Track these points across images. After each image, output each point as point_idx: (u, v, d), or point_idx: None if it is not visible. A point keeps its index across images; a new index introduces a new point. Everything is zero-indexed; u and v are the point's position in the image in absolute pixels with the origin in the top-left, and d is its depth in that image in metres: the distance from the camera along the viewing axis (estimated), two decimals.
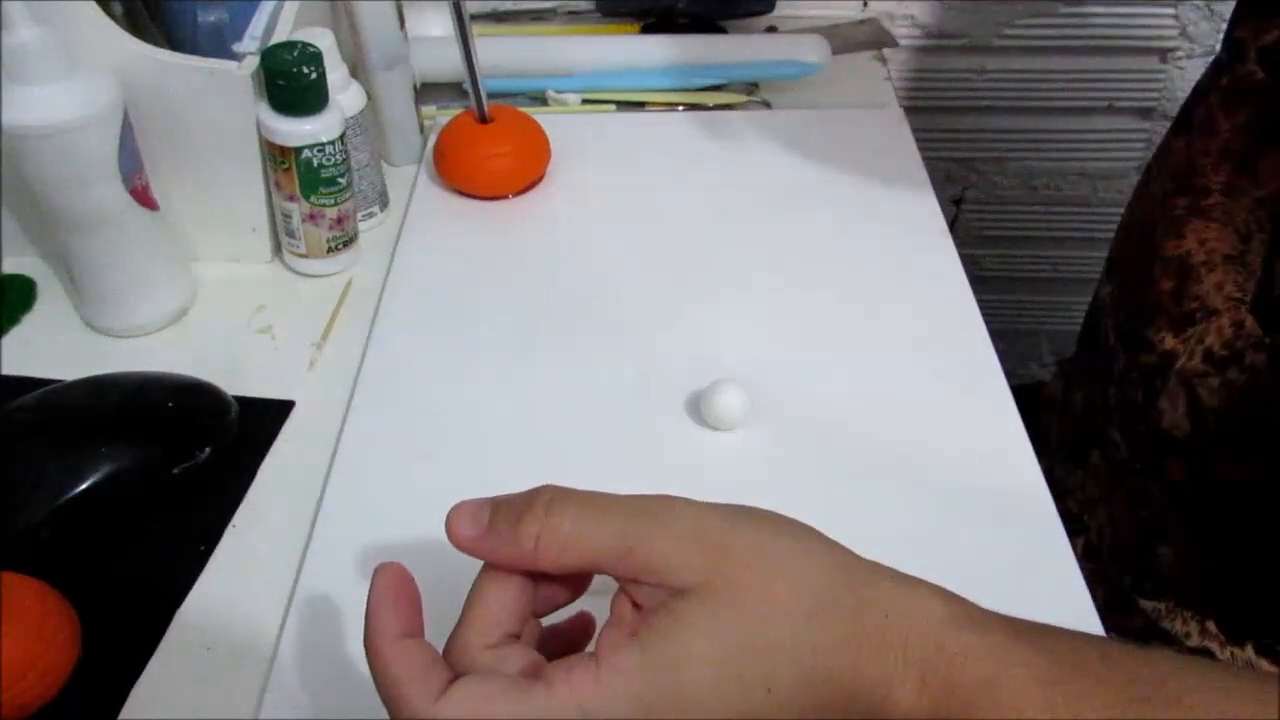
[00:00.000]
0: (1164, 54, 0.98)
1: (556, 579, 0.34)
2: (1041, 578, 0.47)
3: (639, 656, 0.30)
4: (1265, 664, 0.54)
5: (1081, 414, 0.65)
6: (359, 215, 0.65)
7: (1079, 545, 0.61)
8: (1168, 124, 1.02)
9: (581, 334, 0.59)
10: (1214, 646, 0.54)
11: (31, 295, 0.62)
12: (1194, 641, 0.55)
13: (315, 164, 0.59)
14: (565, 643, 0.37)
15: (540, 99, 0.77)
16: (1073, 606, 0.46)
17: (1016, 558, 0.48)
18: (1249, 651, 0.54)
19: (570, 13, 0.87)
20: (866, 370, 0.56)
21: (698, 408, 0.54)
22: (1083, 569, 0.60)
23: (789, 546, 0.32)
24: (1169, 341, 0.54)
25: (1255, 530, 0.53)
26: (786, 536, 0.33)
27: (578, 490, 0.33)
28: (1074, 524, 0.62)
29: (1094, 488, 0.62)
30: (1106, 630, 0.58)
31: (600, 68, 0.78)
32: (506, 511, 0.33)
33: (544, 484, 0.33)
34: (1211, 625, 0.54)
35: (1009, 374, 0.57)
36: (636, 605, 0.31)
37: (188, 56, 0.58)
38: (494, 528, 0.33)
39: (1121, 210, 1.10)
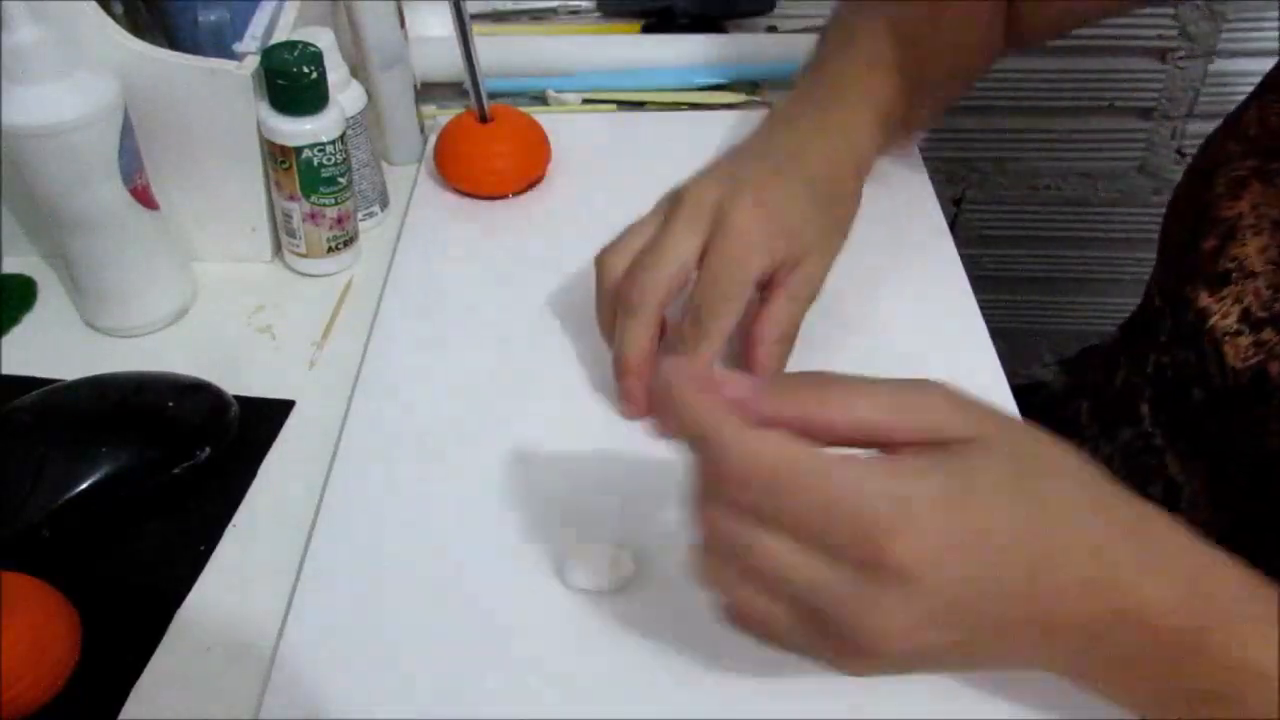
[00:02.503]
0: (1164, 54, 0.98)
1: None
2: None
3: (944, 473, 0.33)
4: None
5: (1120, 388, 0.64)
6: (359, 215, 0.65)
7: None
8: (1168, 123, 1.03)
9: (582, 333, 0.59)
10: None
11: (31, 295, 0.62)
12: None
13: (315, 163, 0.59)
14: None
15: (540, 99, 0.77)
16: None
17: None
18: None
19: (570, 13, 0.87)
20: (866, 369, 0.56)
21: None
22: None
23: (1062, 445, 0.36)
24: (1204, 299, 0.55)
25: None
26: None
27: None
28: None
29: (1120, 465, 0.62)
30: None
31: (600, 68, 0.78)
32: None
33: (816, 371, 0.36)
34: None
35: (1009, 374, 0.57)
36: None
37: (188, 56, 0.58)
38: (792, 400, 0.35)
39: (1122, 210, 1.11)
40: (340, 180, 0.60)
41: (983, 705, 0.43)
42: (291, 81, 0.57)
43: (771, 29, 0.85)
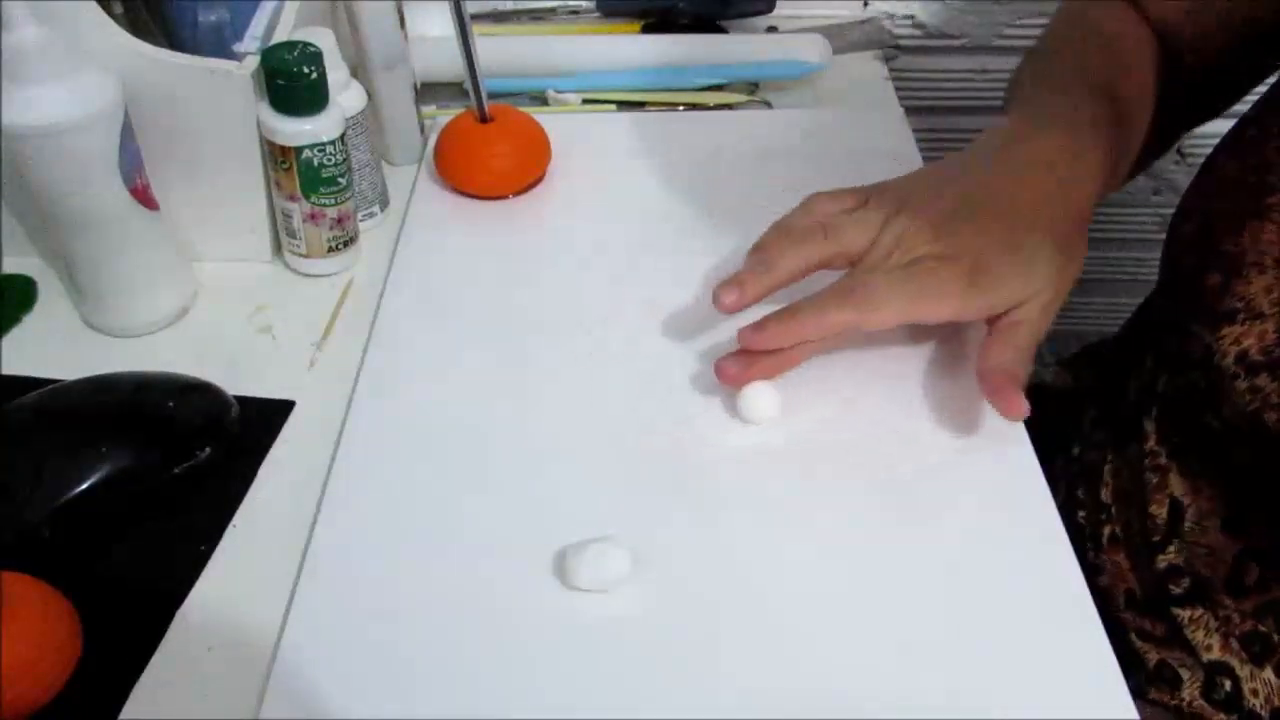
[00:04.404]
0: None
1: None
2: (1041, 577, 0.47)
3: None
4: None
5: (1129, 401, 0.64)
6: (359, 215, 0.65)
7: (1105, 535, 0.60)
8: None
9: (582, 333, 0.59)
10: (1235, 662, 0.54)
11: (31, 295, 0.62)
12: (1215, 655, 0.54)
13: (316, 164, 0.59)
14: None
15: (540, 99, 0.77)
16: (1071, 606, 0.46)
17: (1017, 557, 0.48)
18: (1268, 672, 0.53)
19: (570, 12, 0.87)
20: (866, 367, 0.56)
21: (697, 400, 0.54)
22: (1112, 562, 0.59)
23: None
24: (1206, 336, 0.53)
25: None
26: None
27: None
28: (1104, 513, 0.61)
29: (1128, 479, 0.61)
30: (1128, 628, 0.58)
31: (600, 68, 0.78)
32: None
33: None
34: (1234, 643, 0.54)
35: None
36: None
37: (188, 56, 0.57)
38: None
39: (1122, 210, 1.11)
40: (340, 180, 0.60)
41: (983, 706, 0.43)
42: (291, 81, 0.57)
43: (771, 29, 0.86)
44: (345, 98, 0.62)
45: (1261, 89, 0.57)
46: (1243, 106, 0.58)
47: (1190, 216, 0.58)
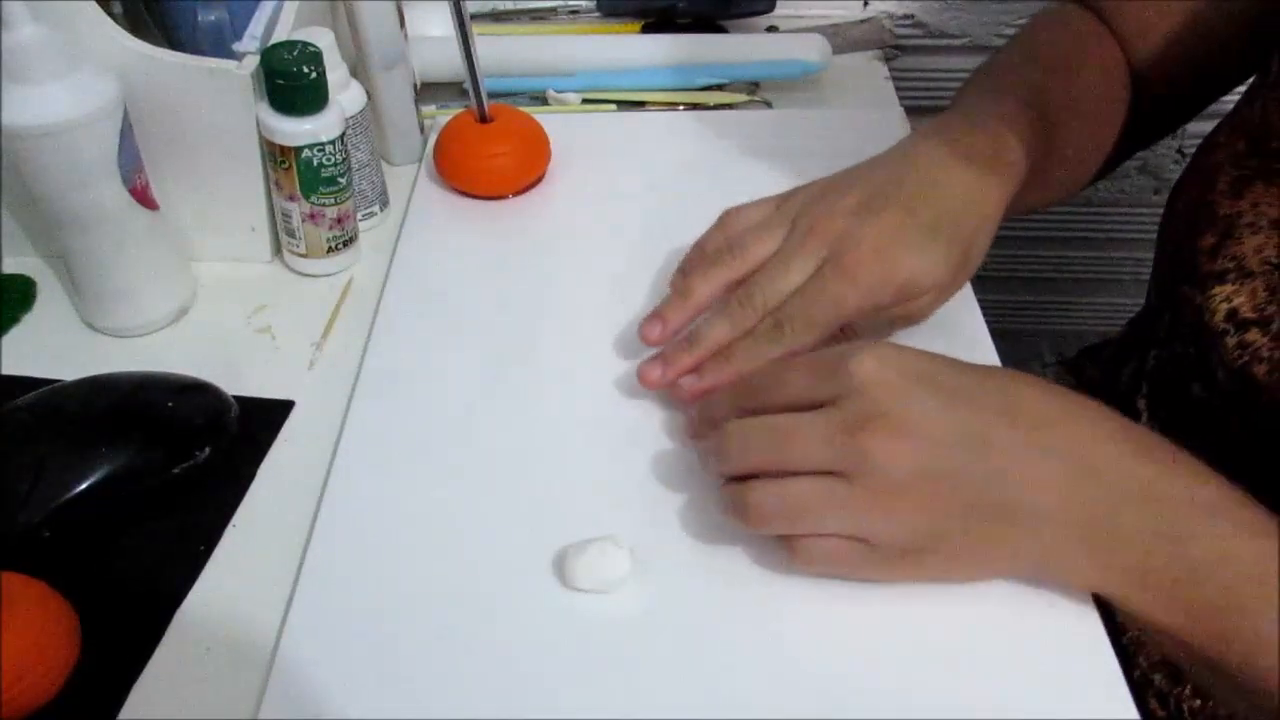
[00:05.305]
0: None
1: None
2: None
3: None
4: None
5: (1123, 385, 0.64)
6: (359, 215, 0.65)
7: None
8: None
9: (582, 333, 0.59)
10: None
11: (31, 295, 0.62)
12: None
13: (315, 163, 0.59)
14: None
15: (540, 99, 0.77)
16: (1071, 605, 0.46)
17: None
18: None
19: (570, 12, 0.87)
20: None
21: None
22: None
23: None
24: (1197, 297, 0.55)
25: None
26: None
27: None
28: None
29: None
30: (1123, 630, 0.58)
31: (600, 68, 0.78)
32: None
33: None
34: None
35: None
36: None
37: (188, 56, 0.58)
38: None
39: (1122, 210, 1.11)
40: (340, 180, 0.60)
41: (983, 706, 0.43)
42: (291, 81, 0.57)
43: (771, 29, 0.86)
44: (345, 98, 0.62)
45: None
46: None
47: (1185, 189, 0.59)
